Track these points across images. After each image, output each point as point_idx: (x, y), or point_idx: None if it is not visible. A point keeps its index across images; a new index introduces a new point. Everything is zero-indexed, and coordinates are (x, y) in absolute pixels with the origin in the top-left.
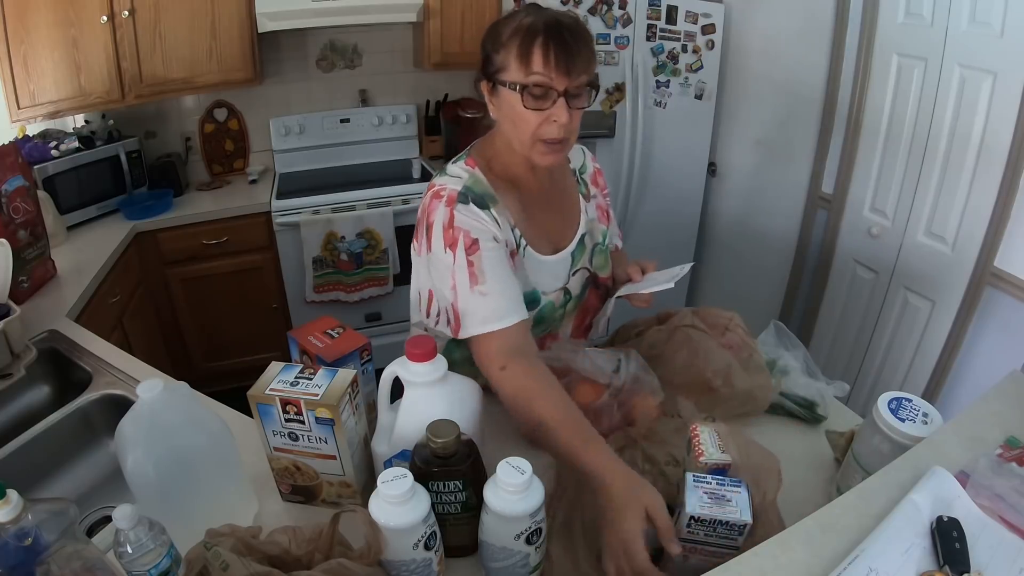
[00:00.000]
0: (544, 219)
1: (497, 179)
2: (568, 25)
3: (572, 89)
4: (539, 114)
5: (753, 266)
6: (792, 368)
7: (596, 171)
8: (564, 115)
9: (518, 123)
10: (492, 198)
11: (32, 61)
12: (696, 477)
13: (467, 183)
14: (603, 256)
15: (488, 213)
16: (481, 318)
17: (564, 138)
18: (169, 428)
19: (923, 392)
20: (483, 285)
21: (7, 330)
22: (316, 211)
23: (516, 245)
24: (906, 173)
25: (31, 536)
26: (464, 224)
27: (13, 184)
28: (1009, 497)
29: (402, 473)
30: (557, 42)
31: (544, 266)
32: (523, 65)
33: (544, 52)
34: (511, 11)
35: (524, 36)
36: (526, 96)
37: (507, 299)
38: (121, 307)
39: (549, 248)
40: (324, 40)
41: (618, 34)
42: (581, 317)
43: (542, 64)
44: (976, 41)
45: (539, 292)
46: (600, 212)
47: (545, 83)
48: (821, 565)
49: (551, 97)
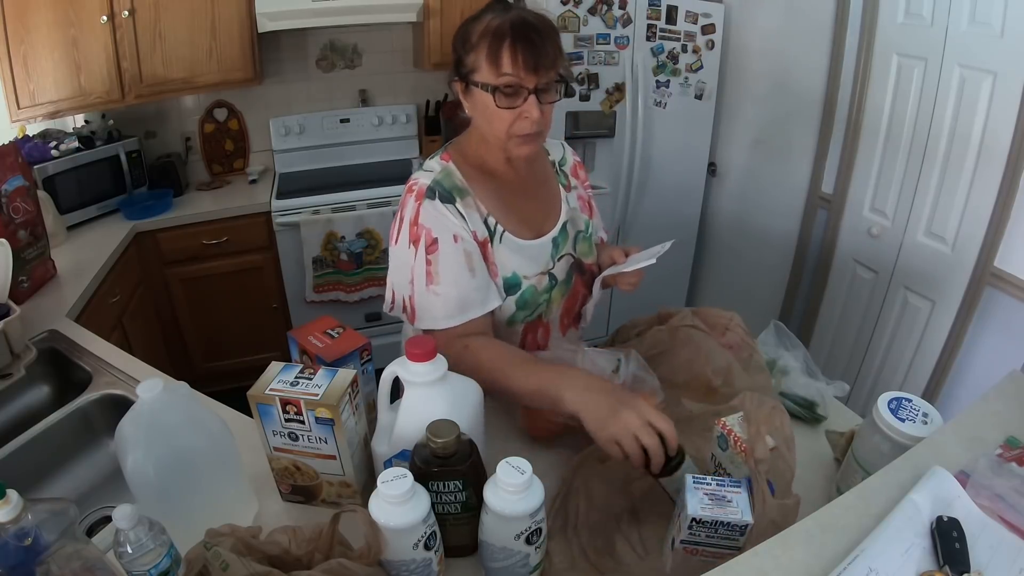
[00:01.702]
0: (523, 206)
1: (473, 171)
2: (534, 24)
3: (541, 85)
4: (512, 112)
5: (753, 266)
6: (792, 368)
7: (576, 164)
8: (535, 111)
9: (493, 121)
10: (461, 191)
11: (32, 61)
12: (696, 479)
13: (437, 177)
14: (587, 243)
15: (453, 207)
16: (431, 317)
17: (538, 131)
18: (169, 428)
19: (923, 392)
20: (437, 286)
21: (7, 330)
22: (316, 211)
23: (490, 233)
24: (906, 173)
25: (31, 536)
26: (427, 222)
27: (13, 184)
28: (1009, 497)
29: (402, 473)
30: (524, 42)
31: (525, 250)
32: (493, 66)
33: (512, 53)
34: (479, 11)
35: (492, 38)
36: (498, 96)
37: (457, 300)
38: (121, 307)
39: (530, 233)
40: (324, 40)
41: (618, 34)
42: (570, 303)
43: (511, 65)
44: (976, 41)
45: (520, 276)
46: (582, 203)
47: (515, 83)
48: (821, 565)
49: (522, 95)
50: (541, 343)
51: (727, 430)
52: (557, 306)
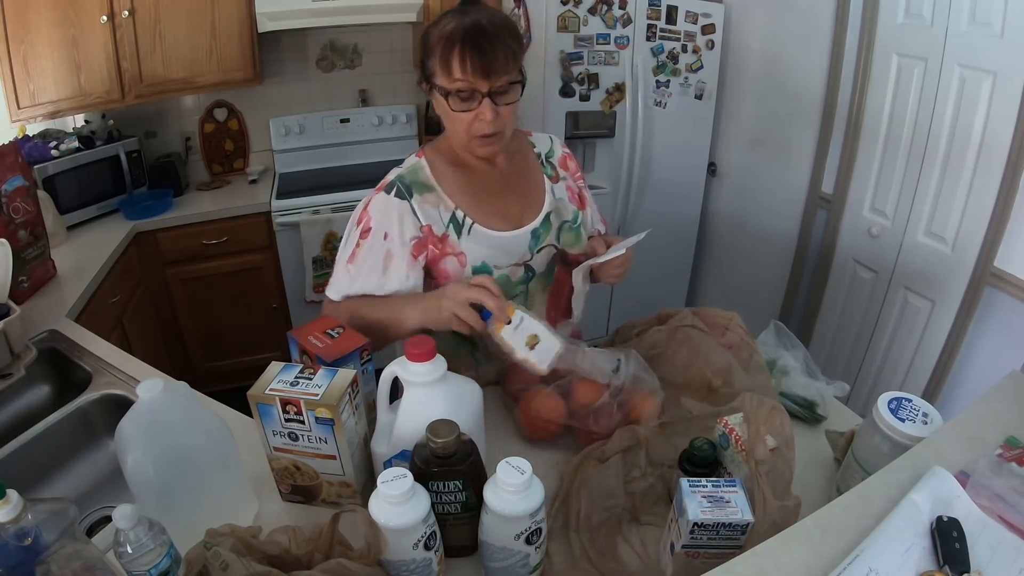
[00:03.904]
0: (499, 199)
1: (447, 166)
2: (486, 29)
3: (495, 88)
4: (468, 114)
5: (753, 266)
6: (792, 368)
7: (565, 156)
8: (489, 114)
9: (452, 122)
10: (424, 186)
11: (32, 61)
12: (691, 482)
13: (402, 173)
14: (573, 234)
15: (407, 203)
16: (336, 286)
17: (496, 132)
18: (169, 428)
19: (923, 392)
20: (352, 265)
21: (7, 330)
22: (316, 211)
23: (457, 225)
24: (906, 173)
25: (31, 536)
26: (372, 211)
27: (13, 184)
28: (1009, 497)
29: (402, 473)
30: (473, 48)
31: (496, 241)
32: (445, 72)
33: (461, 59)
34: (441, 14)
35: (444, 44)
36: (452, 99)
37: (359, 284)
38: (121, 307)
39: (505, 225)
40: (324, 40)
41: (618, 34)
42: (555, 295)
43: (460, 71)
44: (976, 41)
45: (489, 265)
46: (571, 194)
47: (467, 87)
48: (821, 565)
49: (476, 98)
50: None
51: (729, 429)
52: (539, 298)
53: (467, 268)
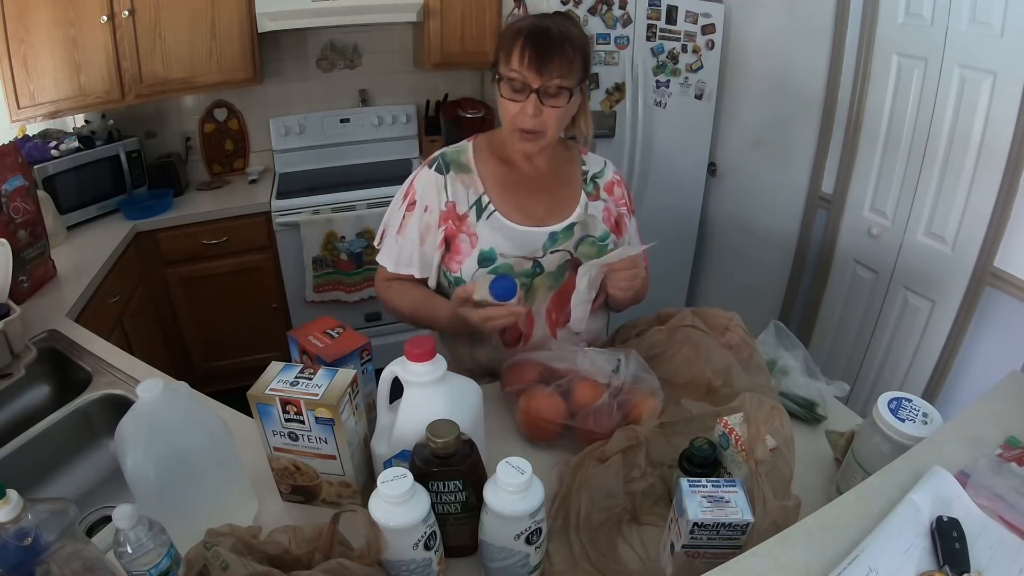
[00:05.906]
0: (528, 197)
1: (491, 156)
2: (552, 33)
3: (544, 88)
4: (515, 104)
5: (753, 266)
6: (792, 368)
7: (614, 182)
8: (531, 108)
9: (501, 109)
10: (461, 166)
11: (32, 61)
12: (691, 482)
13: (447, 150)
14: (594, 247)
15: (445, 177)
16: (387, 255)
17: (537, 130)
18: (169, 428)
19: (923, 392)
20: (401, 237)
21: (7, 330)
22: (316, 211)
23: (479, 208)
24: (906, 173)
25: (31, 536)
26: (417, 185)
27: (13, 184)
28: (1009, 497)
29: (402, 473)
30: (534, 45)
31: (510, 232)
32: (506, 61)
33: (521, 52)
34: (527, 15)
35: (513, 36)
36: (504, 86)
37: (406, 255)
38: (121, 307)
39: (525, 221)
40: (324, 40)
41: (618, 34)
42: (561, 299)
43: (518, 62)
44: (976, 41)
45: (495, 251)
46: (607, 215)
47: (519, 79)
48: (821, 565)
49: (525, 92)
50: (523, 329)
51: (729, 429)
52: (542, 297)
53: (476, 250)
